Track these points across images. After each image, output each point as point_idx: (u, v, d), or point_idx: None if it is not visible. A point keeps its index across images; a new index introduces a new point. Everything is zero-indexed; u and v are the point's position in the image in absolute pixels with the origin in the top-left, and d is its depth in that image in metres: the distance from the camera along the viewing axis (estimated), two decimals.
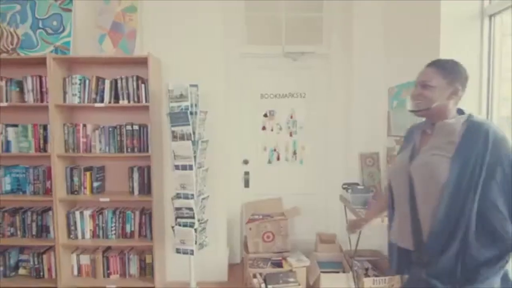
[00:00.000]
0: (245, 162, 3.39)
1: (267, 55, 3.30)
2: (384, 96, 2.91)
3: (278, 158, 3.40)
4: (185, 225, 2.49)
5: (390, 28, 2.91)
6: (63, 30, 2.84)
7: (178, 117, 2.42)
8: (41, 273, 2.80)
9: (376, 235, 2.67)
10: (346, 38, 3.19)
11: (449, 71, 1.32)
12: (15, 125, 2.78)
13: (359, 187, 2.72)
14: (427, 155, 1.30)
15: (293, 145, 3.39)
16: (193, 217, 2.48)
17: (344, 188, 2.81)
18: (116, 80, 2.74)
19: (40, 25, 2.85)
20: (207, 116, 2.71)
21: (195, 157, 2.46)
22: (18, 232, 2.80)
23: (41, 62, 2.65)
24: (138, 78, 2.73)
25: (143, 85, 2.72)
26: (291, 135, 3.38)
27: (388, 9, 2.93)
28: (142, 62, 2.66)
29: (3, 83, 2.74)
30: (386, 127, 2.91)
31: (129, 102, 2.73)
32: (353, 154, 3.09)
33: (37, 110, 2.79)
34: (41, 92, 2.74)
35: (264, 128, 3.38)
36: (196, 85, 2.57)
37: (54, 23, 2.85)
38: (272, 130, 3.38)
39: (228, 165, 3.20)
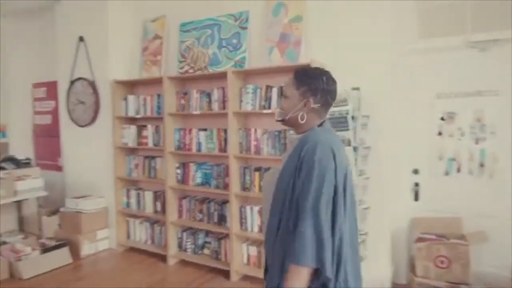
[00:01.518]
0: (415, 172, 3.00)
1: (444, 48, 2.82)
2: None
3: (458, 170, 2.85)
4: None
5: None
6: (241, 47, 3.24)
7: (338, 122, 2.36)
8: (219, 256, 3.29)
9: None
10: None
11: (303, 82, 1.25)
12: (205, 130, 3.36)
13: None
14: (270, 170, 1.33)
15: (480, 155, 2.78)
16: None
17: None
18: (282, 87, 2.92)
19: (224, 44, 3.34)
20: (370, 120, 2.54)
21: (355, 164, 2.35)
22: (205, 218, 3.38)
23: (223, 76, 3.11)
24: None
25: None
26: (477, 142, 2.78)
27: None
28: None
29: (197, 95, 3.36)
30: None
31: None
32: None
33: (220, 116, 3.27)
34: (223, 101, 3.21)
35: (440, 133, 2.91)
36: (357, 88, 2.45)
37: (234, 41, 3.29)
38: (451, 136, 2.87)
39: (394, 174, 2.91)
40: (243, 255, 3.17)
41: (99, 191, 3.99)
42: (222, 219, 3.27)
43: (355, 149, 2.35)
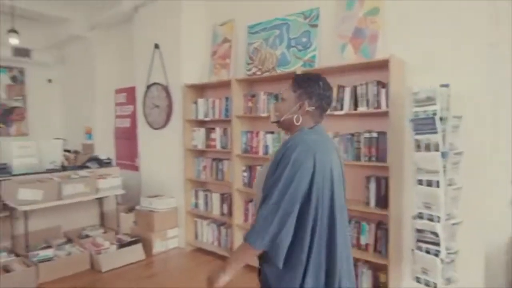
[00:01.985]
0: None
1: None
2: None
3: None
4: (427, 252, 2.12)
5: None
6: (310, 45, 3.09)
7: (423, 124, 2.08)
8: None
9: None
10: None
11: (299, 85, 1.32)
12: (272, 132, 3.27)
13: None
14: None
15: None
16: (438, 244, 2.06)
17: None
18: (355, 87, 2.70)
19: (293, 44, 3.22)
20: (462, 122, 2.20)
21: (444, 171, 2.04)
22: None
23: (292, 76, 2.97)
24: (378, 83, 2.57)
25: (383, 90, 2.54)
26: None
27: None
28: (383, 65, 2.48)
29: (265, 97, 3.29)
30: None
31: (368, 108, 2.62)
32: None
33: None
34: None
35: None
36: (447, 85, 2.13)
37: (304, 40, 3.15)
38: None
39: (491, 185, 2.49)
40: None
41: (170, 191, 4.14)
42: None
43: (443, 154, 2.04)
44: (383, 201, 2.56)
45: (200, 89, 4.04)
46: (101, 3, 4.86)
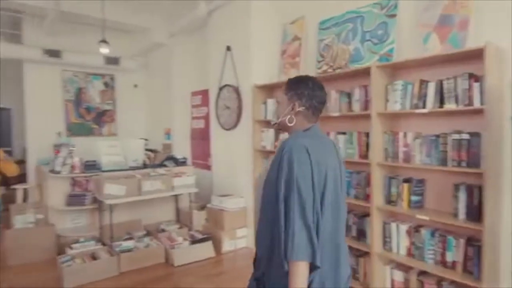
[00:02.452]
0: None
1: None
2: None
3: None
4: None
5: None
6: (387, 38, 2.82)
7: None
8: (357, 275, 2.93)
9: None
10: None
11: (289, 87, 1.38)
12: (344, 133, 3.07)
13: None
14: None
15: None
16: None
17: None
18: (441, 82, 2.37)
19: (367, 37, 2.99)
20: None
21: None
22: None
23: (366, 72, 2.76)
24: (470, 76, 2.22)
25: (476, 84, 2.18)
26: None
27: None
28: (476, 55, 2.14)
29: (336, 95, 3.11)
30: None
31: (457, 105, 2.28)
32: None
33: (362, 118, 2.93)
34: (366, 101, 2.86)
35: None
36: None
37: (380, 32, 2.89)
38: None
39: None
40: (386, 279, 2.73)
41: (239, 191, 4.19)
42: (361, 234, 2.91)
43: None
44: (475, 213, 2.20)
45: (269, 89, 4.01)
46: (179, 11, 5.15)
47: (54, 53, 5.58)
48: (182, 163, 4.60)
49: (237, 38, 4.18)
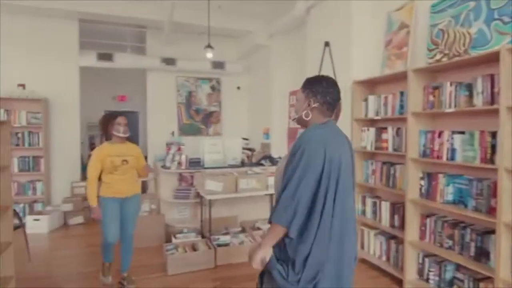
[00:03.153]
0: None
1: None
2: None
3: None
4: None
5: None
6: None
7: None
8: None
9: None
10: None
11: (306, 85, 1.55)
12: (462, 132, 2.59)
13: None
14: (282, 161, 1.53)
15: None
16: None
17: None
18: None
19: (496, 16, 2.45)
20: None
21: None
22: (456, 248, 2.60)
23: (493, 59, 2.27)
24: None
25: None
26: None
27: None
28: None
29: (452, 88, 2.64)
30: None
31: None
32: None
33: (486, 114, 2.43)
34: (492, 93, 2.35)
35: None
36: None
37: None
38: None
39: None
40: None
41: None
42: (482, 255, 2.39)
43: None
44: None
45: (370, 85, 3.67)
46: (277, 11, 5.17)
47: (170, 61, 6.24)
48: (278, 162, 4.58)
49: (336, 32, 3.96)
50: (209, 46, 4.83)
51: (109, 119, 2.89)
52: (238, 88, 7.18)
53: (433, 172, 2.85)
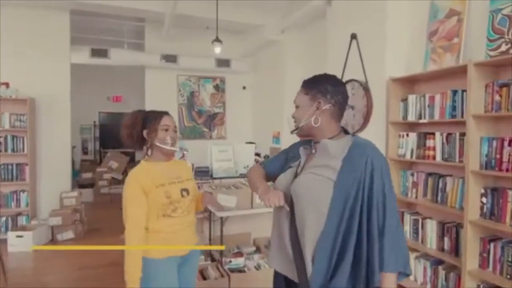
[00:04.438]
0: None
1: None
2: None
3: None
4: None
5: None
6: None
7: None
8: None
9: None
10: None
11: (310, 86, 1.30)
12: None
13: None
14: (308, 176, 1.24)
15: None
16: None
17: None
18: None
19: None
20: None
21: None
22: None
23: None
24: None
25: None
26: None
27: None
28: None
29: None
30: None
31: None
32: None
33: None
34: None
35: None
36: None
37: None
38: None
39: None
40: None
41: None
42: None
43: None
44: None
45: (410, 83, 3.17)
46: (293, 3, 4.66)
47: (171, 58, 5.71)
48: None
49: (365, 23, 3.46)
50: (217, 39, 4.31)
51: (146, 119, 1.77)
52: (244, 88, 6.67)
53: (499, 187, 2.35)
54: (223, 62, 6.01)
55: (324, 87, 1.27)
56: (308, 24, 4.85)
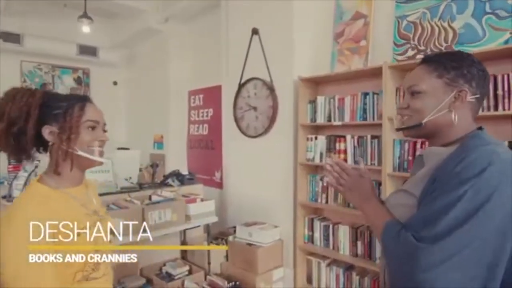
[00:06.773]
0: None
1: None
2: None
3: None
4: None
5: None
6: None
7: None
8: None
9: None
10: None
11: (446, 65, 0.90)
12: None
13: None
14: (396, 194, 1.03)
15: None
16: None
17: None
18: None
19: (488, 10, 2.14)
20: None
21: None
22: None
23: (494, 56, 1.91)
24: None
25: None
26: None
27: None
28: None
29: None
30: None
31: None
32: None
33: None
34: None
35: None
36: None
37: (510, 1, 2.06)
38: None
39: None
40: None
41: (271, 218, 3.16)
42: None
43: None
44: None
45: (317, 84, 3.06)
46: None
47: (12, 38, 4.28)
48: (189, 180, 3.49)
49: (268, 17, 3.21)
50: (85, 15, 3.34)
51: (48, 106, 1.00)
52: (115, 83, 5.63)
53: None
54: (87, 49, 4.89)
55: (468, 68, 0.90)
56: (199, 14, 4.35)
